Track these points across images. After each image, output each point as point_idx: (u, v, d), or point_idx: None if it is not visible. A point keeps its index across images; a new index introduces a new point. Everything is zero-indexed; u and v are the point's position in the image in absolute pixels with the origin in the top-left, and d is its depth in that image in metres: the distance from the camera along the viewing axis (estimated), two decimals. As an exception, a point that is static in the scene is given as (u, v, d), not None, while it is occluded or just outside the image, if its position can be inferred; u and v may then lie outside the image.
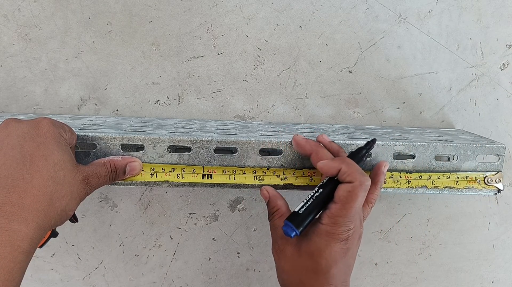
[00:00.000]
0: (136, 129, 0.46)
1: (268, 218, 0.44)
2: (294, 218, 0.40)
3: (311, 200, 0.40)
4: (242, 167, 0.46)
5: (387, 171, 0.47)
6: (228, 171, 0.45)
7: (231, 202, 0.58)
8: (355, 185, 0.39)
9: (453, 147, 0.48)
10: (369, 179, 0.40)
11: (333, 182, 0.41)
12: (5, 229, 0.33)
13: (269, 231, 0.44)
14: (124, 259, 0.58)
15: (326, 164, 0.41)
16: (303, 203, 0.41)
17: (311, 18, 0.55)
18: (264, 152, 0.46)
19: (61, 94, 0.54)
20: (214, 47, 0.55)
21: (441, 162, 0.48)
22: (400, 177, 0.48)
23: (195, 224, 0.58)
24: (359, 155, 0.43)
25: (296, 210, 0.40)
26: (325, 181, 0.42)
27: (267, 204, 0.45)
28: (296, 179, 0.46)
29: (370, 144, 0.44)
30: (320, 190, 0.41)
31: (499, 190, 0.49)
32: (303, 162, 0.46)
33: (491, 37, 0.57)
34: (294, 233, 0.39)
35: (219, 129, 0.49)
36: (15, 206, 0.33)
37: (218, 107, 0.56)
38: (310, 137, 0.46)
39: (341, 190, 0.39)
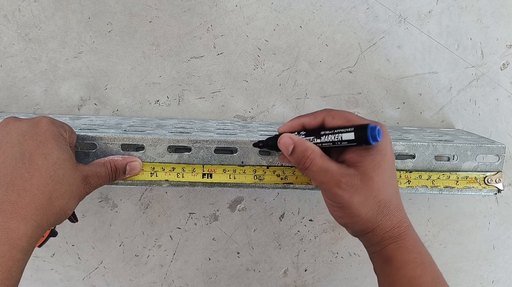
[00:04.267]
0: (136, 129, 0.46)
1: (306, 165, 0.38)
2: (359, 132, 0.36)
3: (328, 135, 0.38)
4: (242, 166, 0.46)
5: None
6: (228, 170, 0.45)
7: (231, 202, 0.58)
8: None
9: (453, 147, 0.48)
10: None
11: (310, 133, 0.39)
12: (4, 227, 0.33)
13: (269, 231, 0.44)
14: (124, 259, 0.58)
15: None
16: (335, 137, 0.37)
17: (311, 18, 0.55)
18: (264, 152, 0.46)
19: (61, 94, 0.54)
20: (214, 47, 0.55)
21: (441, 162, 0.48)
22: (400, 177, 0.48)
23: (195, 224, 0.58)
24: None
25: (353, 137, 0.37)
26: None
27: (292, 152, 0.38)
28: (296, 178, 0.46)
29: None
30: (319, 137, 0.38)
31: (499, 190, 0.49)
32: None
33: (491, 37, 0.57)
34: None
35: (219, 129, 0.49)
36: (14, 204, 0.34)
37: (218, 107, 0.56)
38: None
39: None
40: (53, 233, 0.41)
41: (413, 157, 0.48)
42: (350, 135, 0.36)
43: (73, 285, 0.58)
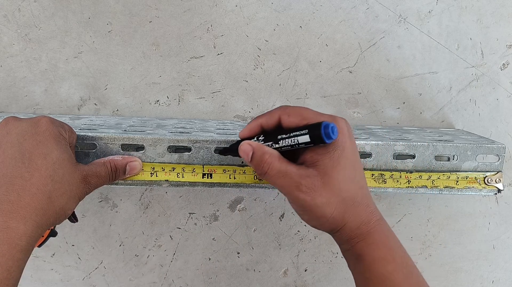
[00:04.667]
0: (136, 129, 0.46)
1: (264, 169, 0.37)
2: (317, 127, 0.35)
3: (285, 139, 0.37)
4: (242, 166, 0.46)
5: (387, 170, 0.47)
6: (228, 170, 0.45)
7: (231, 202, 0.58)
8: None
9: (453, 147, 0.48)
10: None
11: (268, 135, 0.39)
12: (3, 227, 0.33)
13: (269, 231, 0.44)
14: (124, 259, 0.58)
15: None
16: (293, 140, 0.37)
17: (311, 18, 0.55)
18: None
19: (61, 94, 0.54)
20: (214, 47, 0.55)
21: (441, 162, 0.48)
22: (400, 177, 0.48)
23: (195, 224, 0.58)
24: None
25: (307, 140, 0.36)
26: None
27: (252, 159, 0.38)
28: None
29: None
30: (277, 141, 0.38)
31: (499, 190, 0.49)
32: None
33: (491, 37, 0.57)
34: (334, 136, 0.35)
35: (219, 129, 0.49)
36: (13, 204, 0.34)
37: (218, 107, 0.56)
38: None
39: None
40: (53, 233, 0.41)
41: (413, 157, 0.48)
42: (306, 138, 0.35)
43: (73, 285, 0.58)
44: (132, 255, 0.58)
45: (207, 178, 0.45)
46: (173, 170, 0.45)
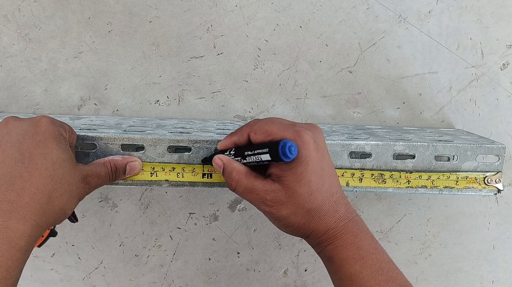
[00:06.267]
0: (136, 129, 0.46)
1: (232, 187, 0.40)
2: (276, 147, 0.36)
3: (250, 156, 0.38)
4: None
5: (387, 171, 0.47)
6: (228, 171, 0.45)
7: (231, 202, 0.58)
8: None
9: (453, 147, 0.48)
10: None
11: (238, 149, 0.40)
12: (3, 227, 0.33)
13: (269, 231, 0.44)
14: (124, 259, 0.58)
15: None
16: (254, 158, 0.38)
17: (311, 18, 0.55)
18: None
19: (61, 94, 0.54)
20: (214, 47, 0.55)
21: (441, 162, 0.48)
22: (400, 177, 0.48)
23: (195, 224, 0.58)
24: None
25: (268, 157, 0.37)
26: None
27: (223, 173, 0.40)
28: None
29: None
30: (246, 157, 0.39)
31: (499, 190, 0.49)
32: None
33: (491, 37, 0.57)
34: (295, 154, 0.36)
35: (219, 129, 0.49)
36: (13, 203, 0.34)
37: (218, 107, 0.56)
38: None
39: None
40: (53, 233, 0.41)
41: (413, 157, 0.48)
42: (267, 156, 0.36)
43: (73, 285, 0.58)
44: (132, 255, 0.58)
45: (207, 178, 0.45)
46: (173, 170, 0.45)
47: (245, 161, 0.39)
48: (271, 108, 0.56)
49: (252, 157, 0.38)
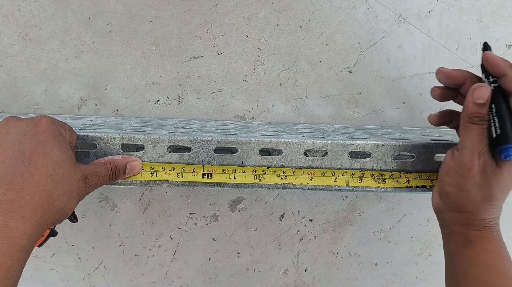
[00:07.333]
0: (136, 129, 0.46)
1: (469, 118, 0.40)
2: (502, 139, 0.38)
3: (495, 118, 0.39)
4: (242, 166, 0.46)
5: (387, 171, 0.47)
6: (228, 170, 0.45)
7: (231, 202, 0.58)
8: None
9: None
10: None
11: (497, 93, 0.41)
12: (3, 226, 0.33)
13: (269, 231, 0.44)
14: (124, 259, 0.58)
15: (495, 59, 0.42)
16: (493, 125, 0.39)
17: (311, 18, 0.55)
18: (264, 152, 0.46)
19: (61, 94, 0.54)
20: (214, 47, 0.55)
21: (441, 162, 0.48)
22: (400, 177, 0.48)
23: (195, 224, 0.58)
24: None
25: (495, 135, 0.39)
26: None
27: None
28: (296, 178, 0.46)
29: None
30: (493, 106, 0.40)
31: (499, 190, 0.49)
32: (303, 161, 0.46)
33: (491, 37, 0.57)
34: None
35: (219, 129, 0.49)
36: (13, 203, 0.34)
37: (218, 107, 0.56)
38: (310, 137, 0.46)
39: None
40: (53, 233, 0.41)
41: (413, 156, 0.48)
42: None
43: (73, 285, 0.58)
44: (132, 255, 0.58)
45: (207, 177, 0.45)
46: (173, 170, 0.45)
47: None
48: (271, 108, 0.56)
49: None
